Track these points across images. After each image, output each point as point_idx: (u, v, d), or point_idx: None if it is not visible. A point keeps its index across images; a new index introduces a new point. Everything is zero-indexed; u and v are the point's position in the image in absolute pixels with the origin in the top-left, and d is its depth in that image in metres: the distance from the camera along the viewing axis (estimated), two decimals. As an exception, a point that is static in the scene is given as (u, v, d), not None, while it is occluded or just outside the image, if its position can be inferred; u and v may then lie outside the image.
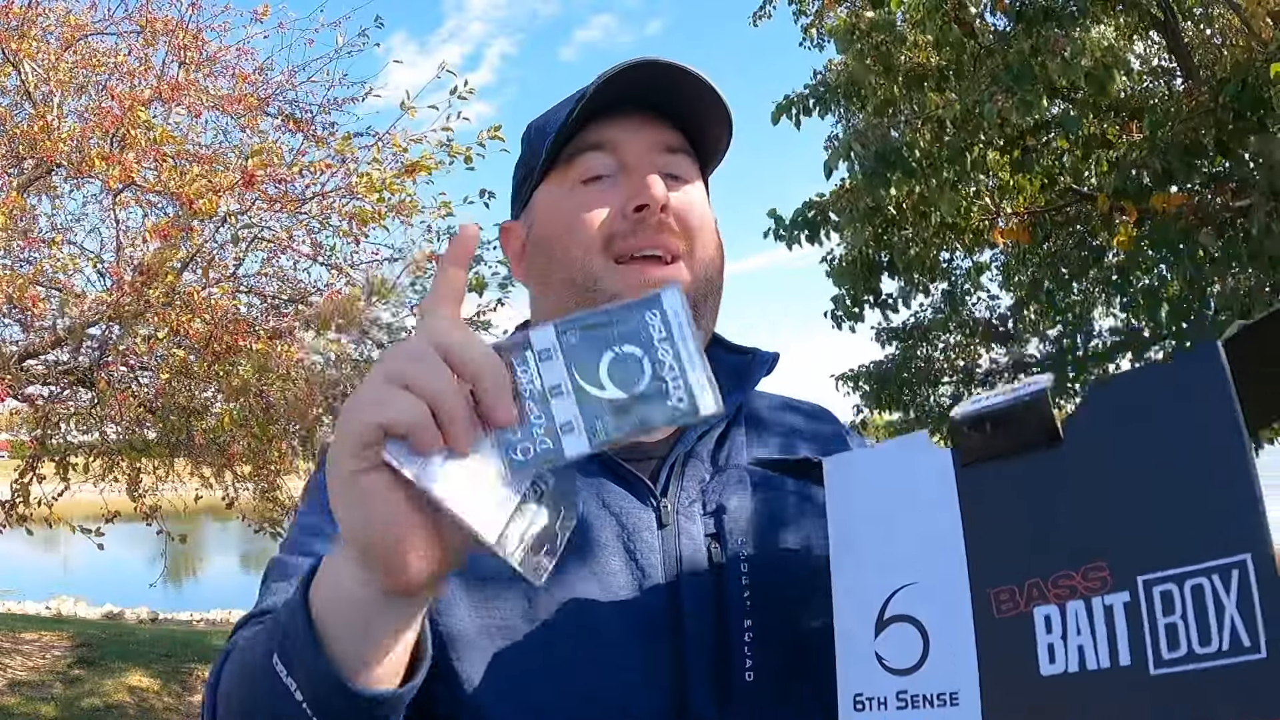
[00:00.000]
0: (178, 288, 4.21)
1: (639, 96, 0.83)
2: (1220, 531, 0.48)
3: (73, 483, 5.07)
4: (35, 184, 4.81)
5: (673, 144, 0.85)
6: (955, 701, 0.56)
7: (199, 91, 4.91)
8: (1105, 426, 0.54)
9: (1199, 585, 0.48)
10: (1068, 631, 0.52)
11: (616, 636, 0.75)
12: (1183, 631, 0.48)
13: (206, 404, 4.88)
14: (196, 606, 11.92)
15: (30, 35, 4.58)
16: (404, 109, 4.37)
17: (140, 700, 5.74)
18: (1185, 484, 0.50)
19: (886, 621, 0.61)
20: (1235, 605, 0.47)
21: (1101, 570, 0.52)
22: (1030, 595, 0.54)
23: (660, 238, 0.81)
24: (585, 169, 0.83)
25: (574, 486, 0.54)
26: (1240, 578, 0.47)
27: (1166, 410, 0.52)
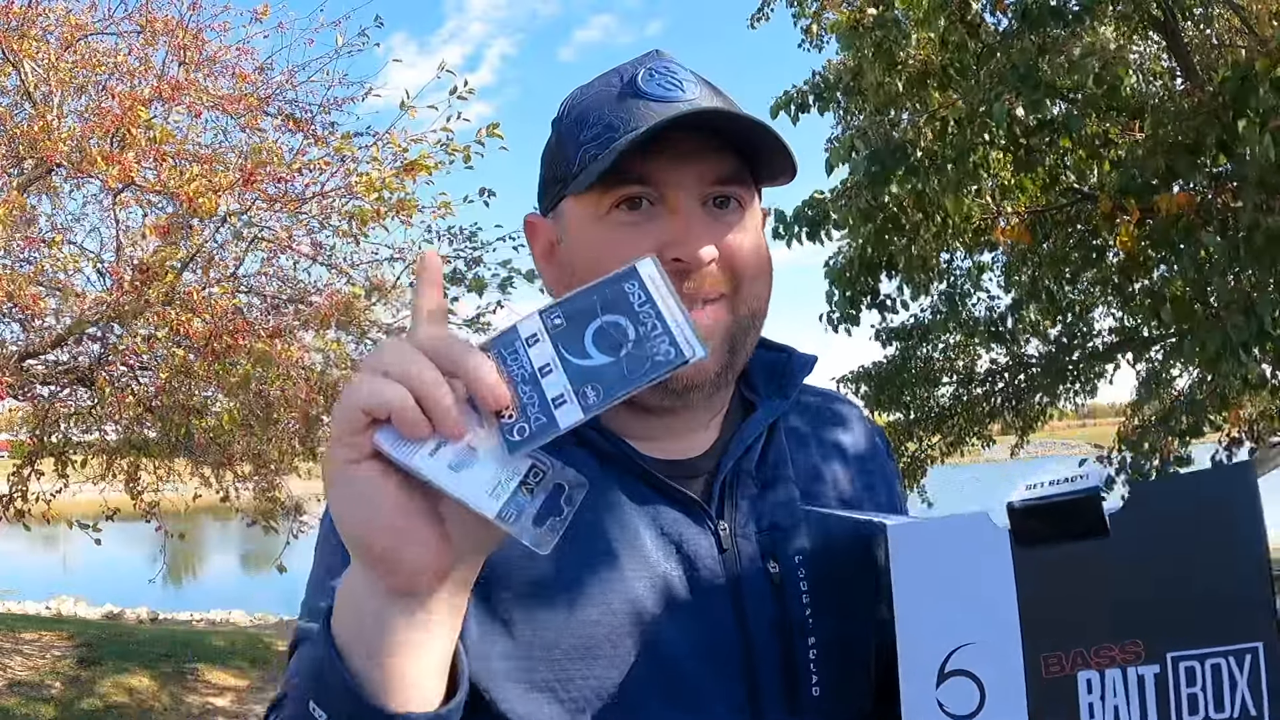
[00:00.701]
0: (177, 287, 4.21)
1: (694, 123, 0.75)
2: (1239, 622, 0.59)
3: (72, 481, 5.07)
4: (35, 184, 4.81)
5: (724, 174, 0.78)
6: None
7: (199, 91, 4.91)
8: (1147, 523, 0.64)
9: (1217, 664, 0.59)
10: (1105, 694, 0.62)
11: (691, 662, 0.75)
12: (1201, 700, 0.59)
13: (206, 403, 4.88)
14: (196, 606, 11.93)
15: (30, 35, 4.57)
16: (403, 108, 4.38)
17: (140, 700, 5.74)
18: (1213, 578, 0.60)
19: (947, 675, 0.69)
20: (1246, 683, 0.57)
21: (1137, 645, 0.62)
22: (1075, 661, 0.63)
23: (702, 290, 0.77)
24: (622, 195, 0.76)
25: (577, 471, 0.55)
26: (1252, 661, 0.58)
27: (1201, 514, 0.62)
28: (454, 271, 5.15)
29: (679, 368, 0.51)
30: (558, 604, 0.74)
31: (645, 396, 0.76)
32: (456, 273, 5.15)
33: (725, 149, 0.78)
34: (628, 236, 0.76)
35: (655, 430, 0.82)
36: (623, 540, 0.77)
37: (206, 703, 6.05)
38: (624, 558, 0.77)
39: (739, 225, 0.79)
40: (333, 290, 4.87)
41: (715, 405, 0.86)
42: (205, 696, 6.16)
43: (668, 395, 0.79)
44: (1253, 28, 5.05)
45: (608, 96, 0.80)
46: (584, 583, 0.75)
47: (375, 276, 5.12)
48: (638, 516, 0.78)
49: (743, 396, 0.89)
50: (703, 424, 0.85)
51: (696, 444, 0.84)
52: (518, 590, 0.74)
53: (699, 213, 0.77)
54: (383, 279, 5.05)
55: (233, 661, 6.97)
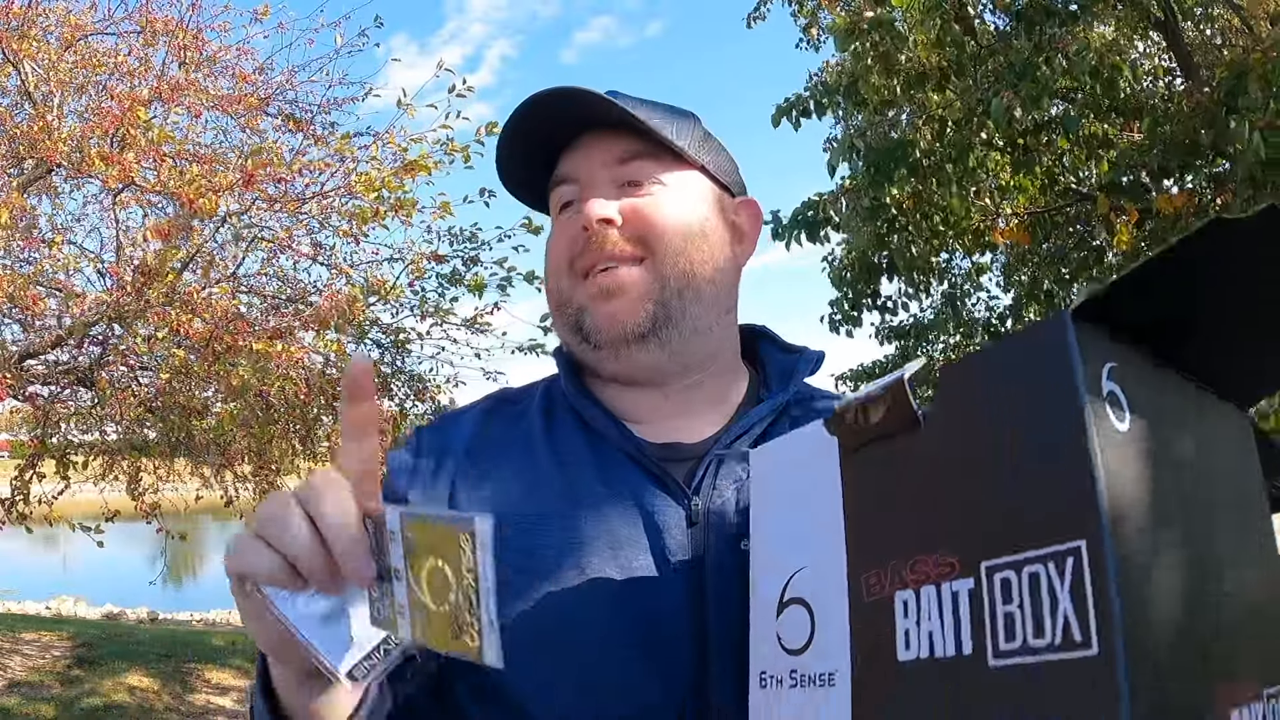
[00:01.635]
0: (178, 287, 4.21)
1: (589, 119, 0.88)
2: (1057, 517, 0.46)
3: (73, 482, 5.07)
4: (35, 184, 4.81)
5: (626, 153, 0.89)
6: (832, 682, 0.57)
7: (199, 91, 4.91)
8: (956, 410, 0.53)
9: (1035, 573, 0.46)
10: (921, 617, 0.52)
11: (641, 633, 0.77)
12: (1019, 621, 0.47)
13: (206, 404, 4.88)
14: (196, 606, 11.92)
15: (30, 35, 4.57)
16: (401, 106, 4.38)
17: (140, 700, 5.74)
18: (1028, 468, 0.48)
19: (785, 603, 0.63)
20: (1069, 595, 0.45)
21: (950, 556, 0.51)
22: (892, 579, 0.54)
23: (607, 250, 0.86)
24: (557, 199, 0.92)
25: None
26: (1074, 565, 0.45)
27: (1012, 390, 0.50)
28: (453, 271, 5.15)
29: (474, 660, 0.52)
30: (512, 562, 0.78)
31: (595, 362, 0.89)
32: (455, 272, 5.15)
33: (624, 133, 0.88)
34: (563, 227, 0.90)
35: (656, 414, 0.89)
36: (587, 508, 0.82)
37: (207, 702, 6.05)
38: (583, 524, 0.81)
39: (653, 197, 0.88)
40: (333, 290, 4.87)
41: (707, 385, 0.91)
42: (205, 696, 6.16)
43: (605, 355, 0.87)
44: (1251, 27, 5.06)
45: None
46: (537, 545, 0.80)
47: (375, 276, 5.12)
48: (611, 488, 0.83)
49: (759, 396, 0.93)
50: (705, 409, 0.90)
51: (698, 431, 0.88)
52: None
53: (609, 190, 0.88)
54: (383, 279, 5.05)
55: (233, 661, 6.97)
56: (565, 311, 0.90)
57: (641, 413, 0.89)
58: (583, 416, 0.89)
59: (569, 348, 0.92)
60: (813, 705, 0.58)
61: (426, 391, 5.61)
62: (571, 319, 0.89)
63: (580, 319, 0.88)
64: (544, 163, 0.93)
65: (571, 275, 0.89)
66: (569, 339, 0.91)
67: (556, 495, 0.83)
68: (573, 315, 0.89)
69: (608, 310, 0.86)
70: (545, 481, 0.85)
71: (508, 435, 0.91)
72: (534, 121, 0.88)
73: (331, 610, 0.56)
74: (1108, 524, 0.44)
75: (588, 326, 0.87)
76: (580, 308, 0.88)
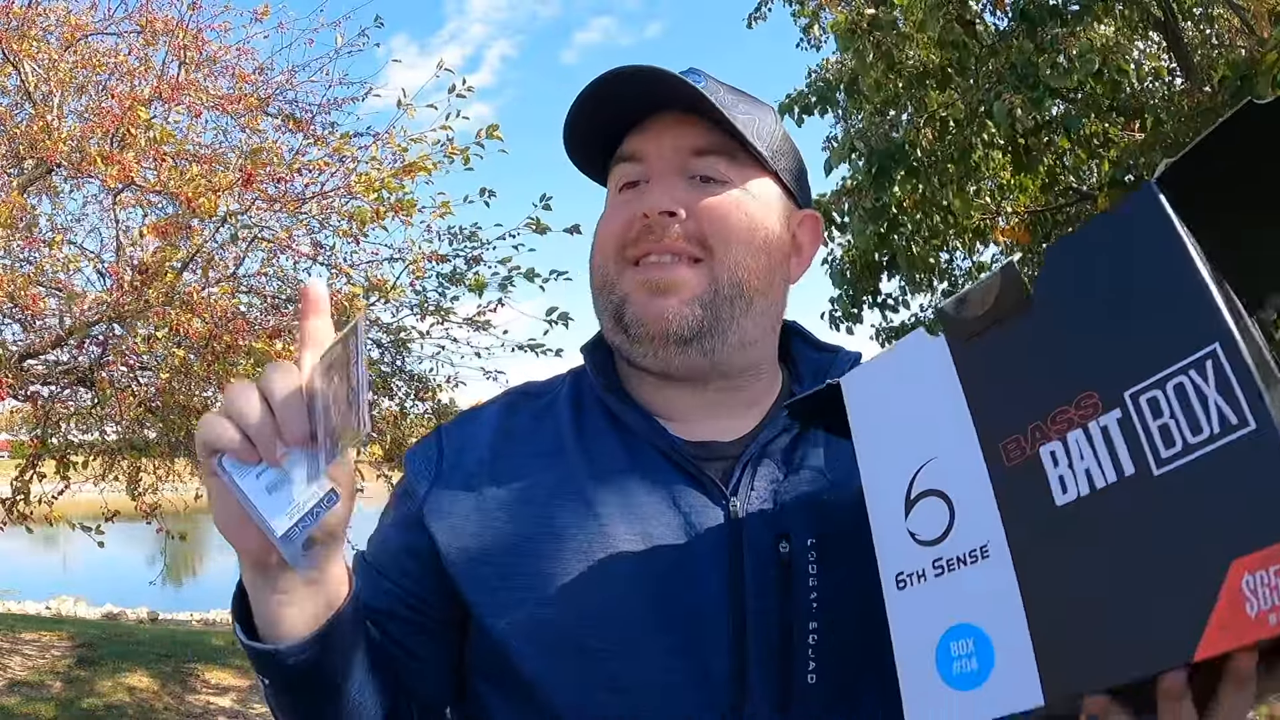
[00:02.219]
0: (177, 287, 4.21)
1: (673, 100, 0.84)
2: (1186, 332, 0.52)
3: (73, 482, 5.07)
4: (35, 184, 4.81)
5: (701, 146, 0.85)
6: (986, 554, 0.59)
7: (199, 91, 4.90)
8: (1066, 278, 0.59)
9: (1180, 384, 0.52)
10: (1073, 460, 0.56)
11: (677, 634, 0.76)
12: (1175, 429, 0.52)
13: (207, 404, 4.88)
14: (196, 606, 11.91)
15: (30, 35, 4.57)
16: (401, 106, 4.38)
17: (140, 700, 5.74)
18: (1147, 303, 0.54)
19: (913, 501, 0.64)
20: (1216, 390, 0.50)
21: (1091, 397, 0.56)
22: (1034, 438, 0.58)
23: (665, 243, 0.82)
24: (620, 177, 0.88)
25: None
26: (1215, 365, 0.50)
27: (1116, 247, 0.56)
28: (454, 270, 5.14)
29: (359, 437, 0.62)
30: (545, 560, 0.78)
31: (634, 355, 0.86)
32: (456, 271, 5.15)
33: (704, 124, 0.85)
34: (619, 209, 0.87)
35: (692, 412, 0.86)
36: (621, 507, 0.80)
37: (207, 702, 6.05)
38: (616, 523, 0.79)
39: (722, 196, 0.84)
40: (333, 290, 4.87)
41: (747, 386, 0.88)
42: (205, 696, 6.16)
43: (643, 350, 0.84)
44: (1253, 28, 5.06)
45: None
46: (572, 543, 0.79)
47: (375, 276, 5.12)
48: (646, 486, 0.81)
49: (793, 394, 0.91)
50: (737, 412, 0.87)
51: (733, 430, 0.86)
52: (513, 546, 0.80)
53: (678, 181, 0.84)
54: (383, 279, 5.05)
55: (232, 661, 6.96)
56: (607, 296, 0.86)
57: (674, 410, 0.87)
58: (614, 412, 0.86)
59: (605, 332, 0.89)
60: (965, 583, 0.60)
61: (427, 391, 5.61)
62: (613, 305, 0.86)
63: (622, 308, 0.85)
64: (609, 134, 0.89)
65: (620, 260, 0.85)
66: (607, 324, 0.88)
67: (588, 494, 0.81)
68: (615, 302, 0.85)
69: (654, 306, 0.83)
70: (575, 479, 0.83)
71: (534, 430, 0.88)
72: (618, 86, 0.83)
73: (277, 480, 0.65)
74: (1231, 326, 0.50)
75: (629, 318, 0.84)
76: (624, 296, 0.84)
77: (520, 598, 0.78)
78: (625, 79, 0.82)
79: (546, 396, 0.92)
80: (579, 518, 0.80)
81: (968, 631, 0.59)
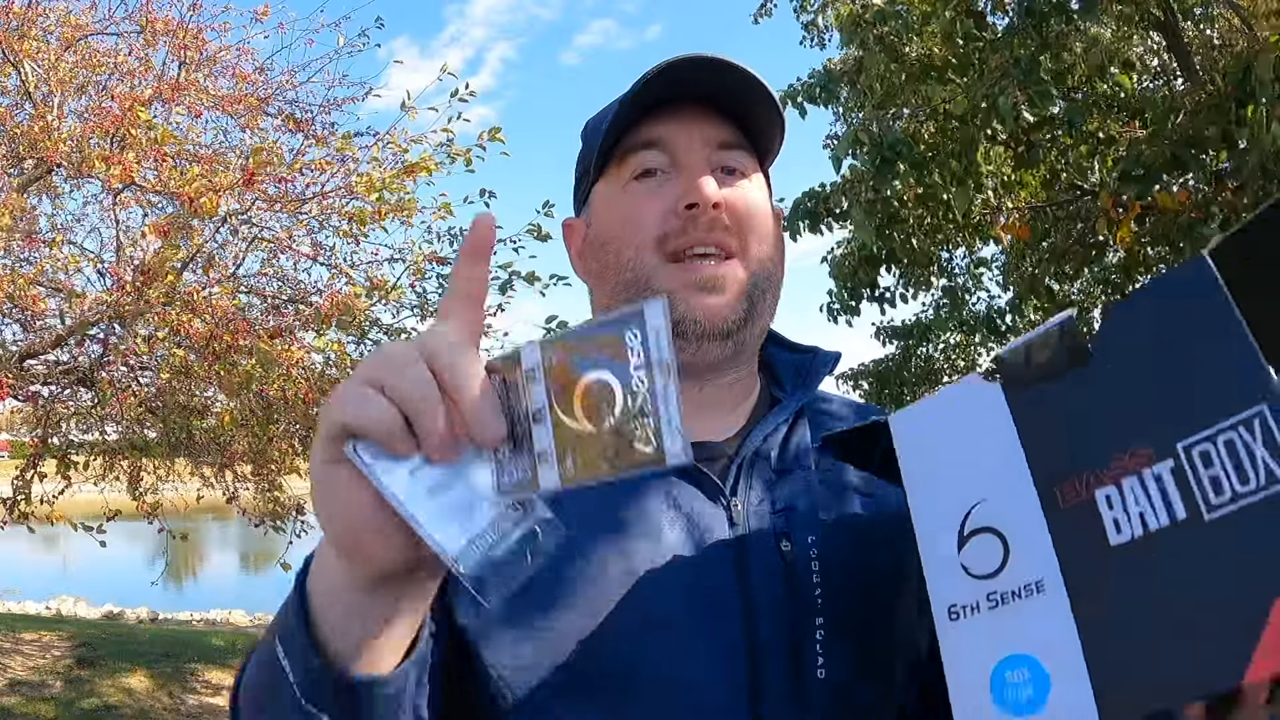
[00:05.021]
0: (178, 287, 4.21)
1: (691, 90, 0.82)
2: (1236, 392, 0.57)
3: (74, 481, 5.07)
4: (35, 184, 4.81)
5: (727, 139, 0.84)
6: (1041, 588, 0.63)
7: (199, 91, 4.91)
8: (1123, 336, 0.63)
9: (1230, 439, 0.57)
10: (1127, 505, 0.60)
11: (692, 634, 0.75)
12: (1224, 479, 0.57)
13: (207, 403, 4.88)
14: (196, 606, 11.92)
15: (30, 35, 4.57)
16: (404, 109, 4.38)
17: (140, 700, 5.74)
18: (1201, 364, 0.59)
19: (967, 537, 0.67)
20: (1264, 446, 0.56)
21: (1145, 448, 0.60)
22: (1089, 483, 0.62)
23: (713, 235, 0.81)
24: (638, 165, 0.83)
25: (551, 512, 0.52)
26: (1262, 424, 0.56)
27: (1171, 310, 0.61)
28: (454, 271, 5.14)
29: (654, 466, 0.46)
30: (553, 568, 0.76)
31: None
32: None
33: (725, 118, 0.84)
34: (645, 199, 0.82)
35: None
36: (629, 509, 0.79)
37: (206, 703, 6.05)
38: (629, 526, 0.78)
39: (745, 184, 0.85)
40: (333, 290, 4.87)
41: (738, 382, 0.88)
42: (205, 696, 6.16)
43: (687, 345, 0.82)
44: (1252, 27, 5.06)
45: (619, 99, 0.86)
46: (584, 548, 0.76)
47: (375, 276, 5.12)
48: (647, 490, 0.80)
49: (771, 395, 0.91)
50: (727, 409, 0.87)
51: (721, 429, 0.86)
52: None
53: (705, 167, 0.82)
54: (383, 279, 5.05)
55: (232, 661, 6.97)
56: (642, 292, 0.82)
57: None
58: None
59: None
60: (1023, 615, 0.63)
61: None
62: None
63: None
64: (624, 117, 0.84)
65: (658, 253, 0.81)
66: None
67: (590, 498, 0.76)
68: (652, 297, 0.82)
69: (709, 303, 0.81)
70: None
71: None
72: (687, 79, 0.81)
73: (439, 483, 0.48)
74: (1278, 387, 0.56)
75: (676, 315, 0.80)
76: (668, 292, 0.80)
77: (527, 602, 0.76)
78: (700, 65, 0.80)
79: None
80: (587, 521, 0.77)
81: (1023, 661, 0.63)
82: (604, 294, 0.87)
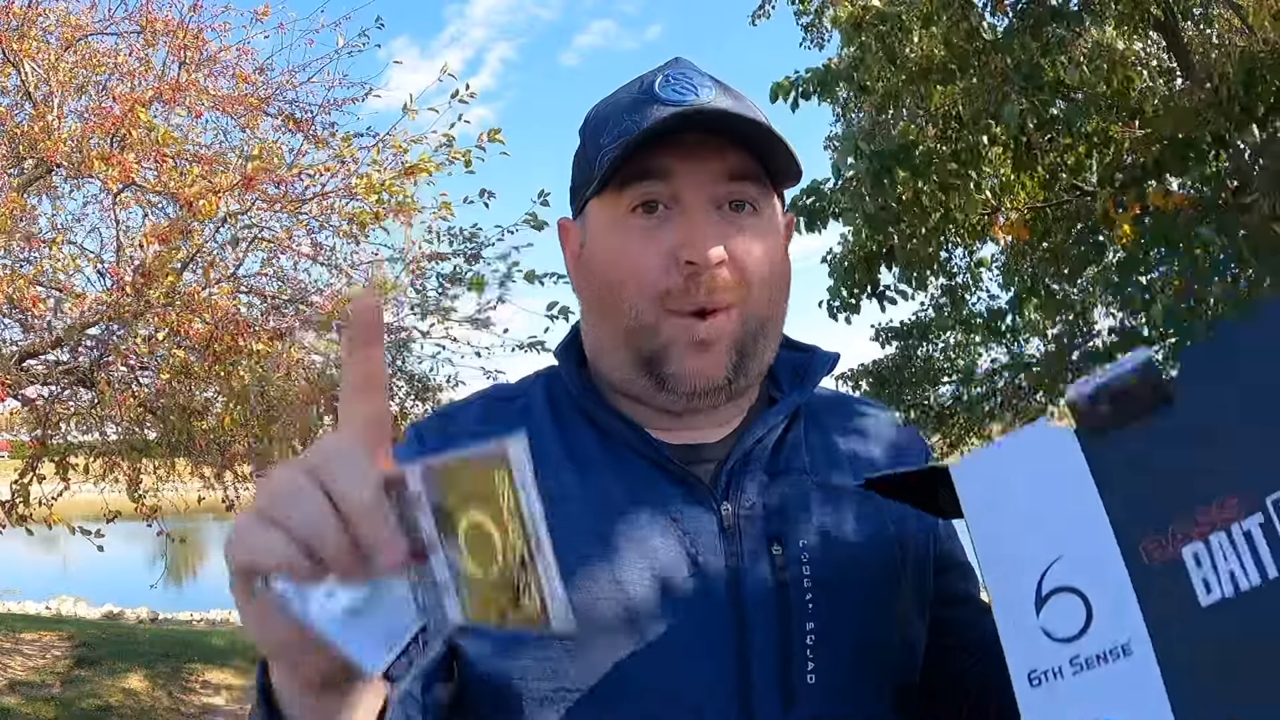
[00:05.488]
0: (178, 288, 4.21)
1: (703, 121, 0.78)
2: None
3: (73, 483, 5.07)
4: (35, 184, 4.81)
5: (736, 170, 0.79)
6: (1128, 651, 0.60)
7: (199, 92, 4.91)
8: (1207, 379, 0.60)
9: None
10: (1216, 562, 0.57)
11: (682, 641, 0.75)
12: None
13: (207, 404, 4.88)
14: (196, 606, 11.92)
15: (30, 35, 4.57)
16: (405, 111, 4.38)
17: (140, 700, 5.74)
18: None
19: (1045, 598, 0.64)
20: None
21: (1233, 501, 0.57)
22: (1175, 539, 0.59)
23: (713, 297, 0.78)
24: (638, 195, 0.79)
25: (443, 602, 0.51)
26: None
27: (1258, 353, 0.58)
28: (454, 270, 5.15)
29: (542, 630, 0.45)
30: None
31: (657, 399, 0.81)
32: (456, 271, 5.15)
33: (738, 146, 0.79)
34: (641, 240, 0.79)
35: (673, 420, 0.84)
36: (615, 518, 0.78)
37: (206, 703, 6.05)
38: (618, 531, 0.77)
39: (752, 229, 0.80)
40: (333, 291, 4.87)
41: (732, 408, 0.86)
42: (205, 696, 6.16)
43: (676, 399, 0.81)
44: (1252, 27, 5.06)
45: (626, 103, 0.82)
46: (573, 554, 0.75)
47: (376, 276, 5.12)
48: (637, 496, 0.79)
49: (769, 395, 0.90)
50: (722, 417, 0.86)
51: (715, 433, 0.85)
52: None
53: (711, 213, 0.79)
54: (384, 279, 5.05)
55: (232, 661, 6.97)
56: (640, 339, 0.80)
57: (650, 417, 0.84)
58: (594, 418, 0.84)
59: (623, 371, 0.83)
60: (1109, 679, 0.60)
61: (427, 391, 5.61)
62: (649, 351, 0.80)
63: (661, 358, 0.80)
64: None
65: (657, 306, 0.79)
66: (628, 367, 0.82)
67: (580, 503, 0.79)
68: (653, 349, 0.80)
69: (697, 365, 0.79)
70: (566, 487, 0.80)
71: None
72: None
73: (356, 602, 0.47)
74: None
75: (668, 371, 0.79)
76: (664, 346, 0.79)
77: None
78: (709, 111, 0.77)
79: (520, 400, 0.88)
80: (575, 529, 0.77)
81: None
82: (607, 330, 0.83)
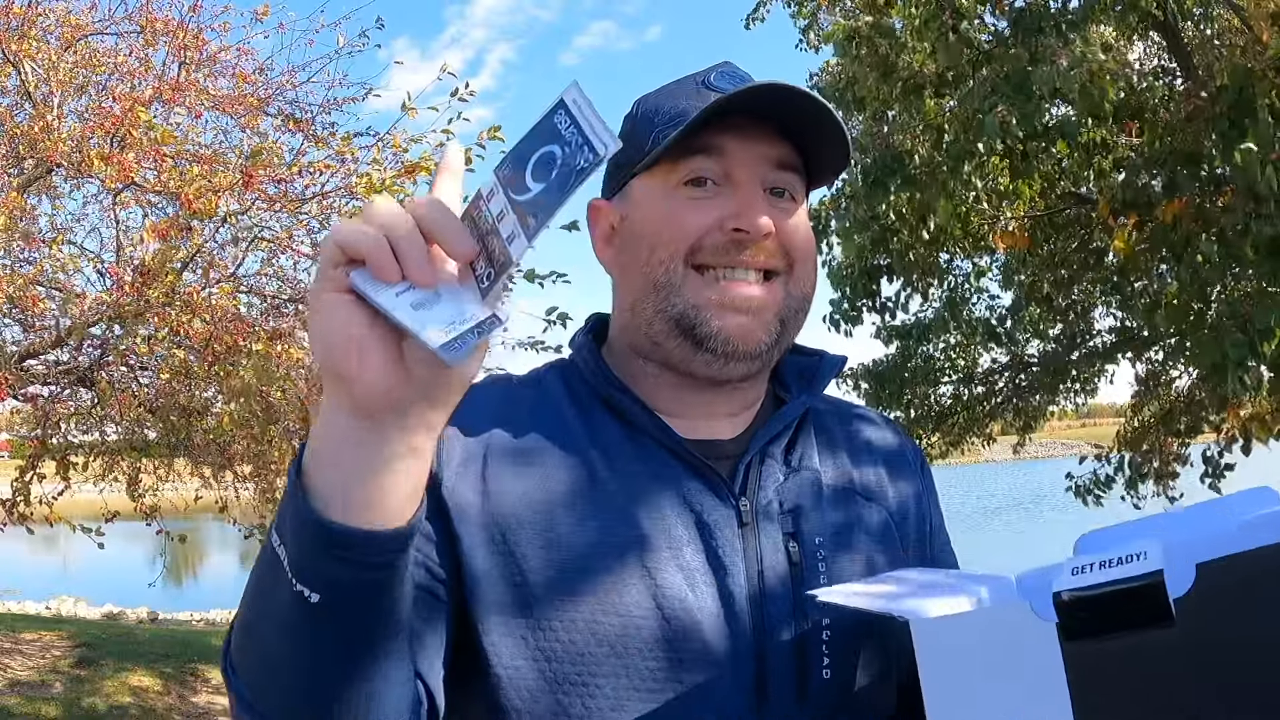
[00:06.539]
0: (178, 288, 4.21)
1: (755, 105, 0.82)
2: None
3: (73, 482, 5.07)
4: (35, 184, 4.81)
5: (784, 159, 0.84)
6: None
7: (199, 92, 4.91)
8: (1214, 606, 0.56)
9: None
10: None
11: (700, 631, 0.76)
12: None
13: (207, 404, 4.88)
14: (196, 606, 11.94)
15: (30, 35, 4.57)
16: (405, 110, 4.38)
17: (141, 700, 5.74)
18: None
19: None
20: None
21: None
22: None
23: (757, 259, 0.82)
24: (690, 170, 0.83)
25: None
26: None
27: (1268, 581, 0.55)
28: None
29: (598, 167, 0.52)
30: (570, 556, 0.76)
31: (693, 364, 0.83)
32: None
33: (786, 138, 0.83)
34: (691, 207, 0.82)
35: (691, 409, 0.86)
36: (642, 505, 0.79)
37: (208, 702, 6.05)
38: (641, 522, 0.79)
39: (794, 214, 0.85)
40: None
41: (753, 388, 0.89)
42: (206, 696, 6.17)
43: (715, 360, 0.82)
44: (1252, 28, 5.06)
45: (682, 91, 0.86)
46: (598, 541, 0.77)
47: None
48: (660, 485, 0.80)
49: (776, 395, 0.92)
50: (736, 411, 0.88)
51: (728, 429, 0.87)
52: (532, 537, 0.77)
53: (757, 189, 0.83)
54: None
55: (233, 661, 6.96)
56: (665, 298, 0.82)
57: (674, 407, 0.85)
58: (616, 407, 0.84)
59: (653, 334, 0.84)
60: None
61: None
62: (676, 312, 0.82)
63: (692, 318, 0.81)
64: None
65: (688, 262, 0.82)
66: (659, 327, 0.83)
67: (607, 488, 0.80)
68: (679, 308, 0.82)
69: (740, 324, 0.81)
70: (594, 472, 0.80)
71: (536, 420, 0.84)
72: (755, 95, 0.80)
73: (423, 300, 0.55)
74: None
75: (704, 331, 0.81)
76: (694, 306, 0.81)
77: (535, 595, 0.76)
78: (777, 89, 0.80)
79: (539, 386, 0.88)
80: (603, 514, 0.78)
81: None
82: (631, 289, 0.86)
